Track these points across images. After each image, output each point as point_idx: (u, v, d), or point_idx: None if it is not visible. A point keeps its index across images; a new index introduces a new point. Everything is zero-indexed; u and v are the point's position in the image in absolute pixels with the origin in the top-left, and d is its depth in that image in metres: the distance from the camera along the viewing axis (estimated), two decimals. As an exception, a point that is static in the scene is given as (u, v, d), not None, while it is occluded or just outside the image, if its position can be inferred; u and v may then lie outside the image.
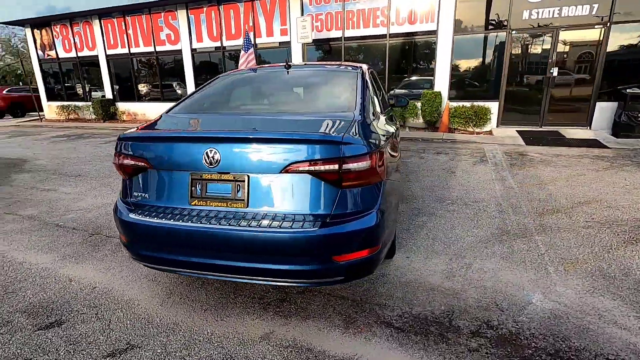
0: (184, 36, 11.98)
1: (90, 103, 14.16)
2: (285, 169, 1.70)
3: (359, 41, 9.92)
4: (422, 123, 9.36)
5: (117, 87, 14.12)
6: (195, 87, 11.52)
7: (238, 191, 1.78)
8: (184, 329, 2.02)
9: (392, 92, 9.56)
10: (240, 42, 11.25)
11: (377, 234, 1.82)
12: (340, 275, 1.80)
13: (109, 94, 14.12)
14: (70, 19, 13.70)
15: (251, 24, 10.95)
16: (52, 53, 14.84)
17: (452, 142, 7.72)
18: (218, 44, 11.64)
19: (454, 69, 9.05)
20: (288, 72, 2.82)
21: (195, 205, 1.84)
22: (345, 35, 9.91)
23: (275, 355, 1.81)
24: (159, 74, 13.07)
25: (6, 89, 18.35)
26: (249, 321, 2.09)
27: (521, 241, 3.01)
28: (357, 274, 1.92)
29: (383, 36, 9.52)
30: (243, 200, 1.78)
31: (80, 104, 14.66)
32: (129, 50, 13.14)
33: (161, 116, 2.33)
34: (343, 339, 1.92)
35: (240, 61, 7.55)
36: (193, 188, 1.84)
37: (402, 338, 1.92)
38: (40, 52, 15.21)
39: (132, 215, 1.90)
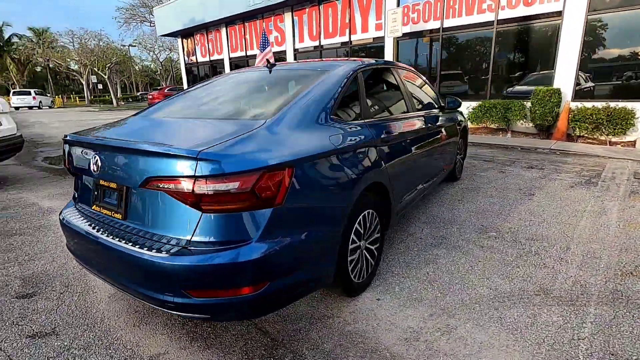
0: (289, 37, 12.66)
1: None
2: (143, 184, 1.51)
3: (459, 31, 8.66)
4: (533, 127, 7.60)
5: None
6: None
7: (120, 201, 1.68)
8: (99, 327, 2.06)
9: (511, 89, 8.06)
10: (336, 40, 11.26)
11: (254, 271, 1.46)
12: (202, 313, 1.52)
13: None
14: (206, 28, 16.12)
15: (347, 20, 10.80)
16: (194, 58, 17.81)
17: (561, 153, 6.02)
18: (317, 43, 11.90)
19: (585, 58, 7.00)
20: (270, 72, 2.58)
21: (94, 209, 1.83)
22: (444, 26, 8.78)
23: (144, 383, 1.65)
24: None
25: (167, 88, 23.08)
26: (156, 336, 1.99)
27: (559, 310, 2.06)
28: (234, 316, 1.60)
29: (489, 23, 8.06)
30: (121, 211, 1.67)
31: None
32: (246, 53, 14.68)
33: (127, 118, 2.41)
34: (221, 386, 1.64)
35: (257, 60, 7.46)
36: (95, 193, 1.84)
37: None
38: (186, 57, 18.45)
39: (63, 210, 2.04)
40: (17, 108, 30.55)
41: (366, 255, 2.27)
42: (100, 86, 38.79)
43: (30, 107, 31.54)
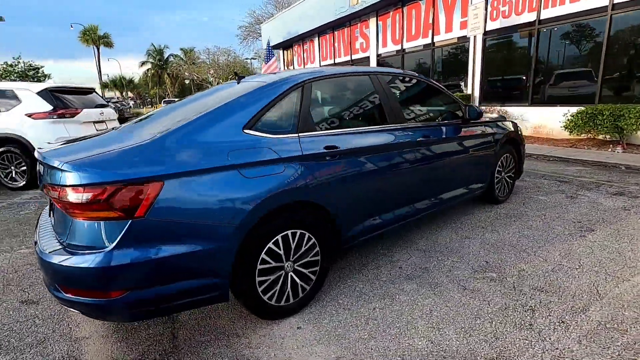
0: (372, 43, 12.48)
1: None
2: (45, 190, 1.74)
3: (560, 22, 7.16)
4: (660, 141, 5.77)
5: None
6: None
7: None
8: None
9: None
10: (418, 42, 10.62)
11: (103, 278, 1.54)
12: (75, 308, 1.66)
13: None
14: (302, 39, 17.11)
15: (430, 21, 10.07)
16: (291, 68, 19.11)
17: (686, 177, 4.43)
18: (399, 47, 11.42)
19: None
20: (239, 83, 2.63)
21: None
22: (541, 17, 7.40)
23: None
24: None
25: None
26: (86, 323, 2.24)
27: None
28: (102, 316, 1.69)
29: (602, 9, 6.45)
30: (52, 215, 1.96)
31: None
32: (334, 61, 15.05)
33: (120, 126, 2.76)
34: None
35: (262, 71, 7.19)
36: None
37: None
38: (285, 68, 19.92)
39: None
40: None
41: (294, 278, 2.12)
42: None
43: None
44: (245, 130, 1.95)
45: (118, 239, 1.55)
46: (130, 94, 64.01)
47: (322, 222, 2.19)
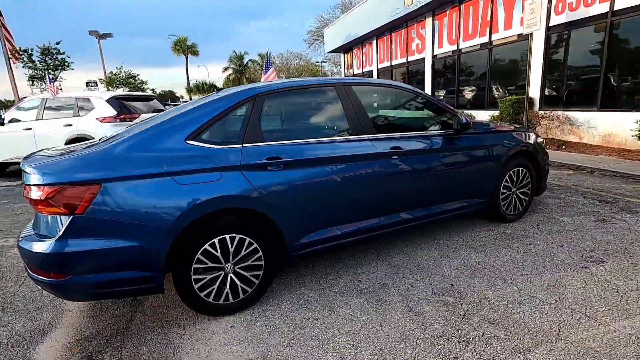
0: (428, 44, 11.95)
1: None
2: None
3: (637, 13, 6.07)
4: None
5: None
6: (431, 93, 11.39)
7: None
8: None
9: None
10: (475, 41, 9.91)
11: (49, 262, 1.86)
12: (41, 286, 2.02)
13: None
14: (361, 42, 17.07)
15: (488, 18, 9.31)
16: (351, 71, 19.19)
17: None
18: (454, 47, 10.75)
19: None
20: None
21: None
22: (615, 8, 6.36)
23: None
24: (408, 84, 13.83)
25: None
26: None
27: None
28: (51, 292, 2.00)
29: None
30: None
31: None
32: (391, 63, 14.74)
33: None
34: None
35: (262, 79, 6.95)
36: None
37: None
38: (346, 71, 20.08)
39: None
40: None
41: (234, 280, 2.26)
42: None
43: None
44: (188, 141, 2.15)
45: (62, 231, 1.86)
46: (213, 97, 70.44)
47: (264, 229, 2.29)
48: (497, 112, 8.74)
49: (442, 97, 11.53)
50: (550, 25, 7.60)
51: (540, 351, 1.81)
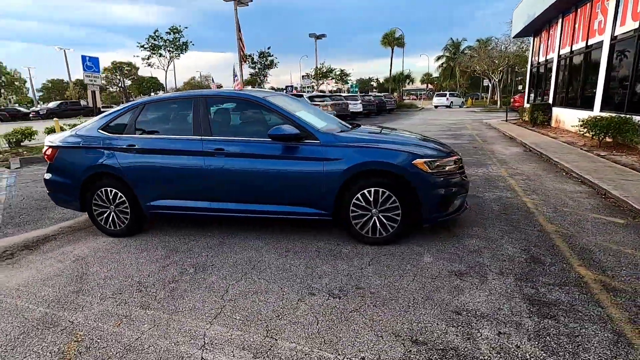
0: (609, 21, 8.68)
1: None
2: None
3: None
4: None
5: (560, 90, 12.74)
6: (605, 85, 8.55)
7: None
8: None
9: None
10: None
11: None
12: None
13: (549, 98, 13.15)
14: (548, 22, 13.66)
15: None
16: (536, 59, 15.64)
17: None
18: (637, 24, 7.43)
19: None
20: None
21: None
22: None
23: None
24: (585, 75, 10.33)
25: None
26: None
27: None
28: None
29: None
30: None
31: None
32: (571, 48, 11.35)
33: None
34: None
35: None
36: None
37: None
38: (534, 58, 16.49)
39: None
40: (436, 106, 39.85)
41: (115, 215, 3.77)
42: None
43: (447, 107, 38.90)
44: (99, 130, 3.79)
45: (47, 168, 3.93)
46: (428, 86, 70.63)
47: (124, 187, 3.65)
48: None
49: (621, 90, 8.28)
50: None
51: None
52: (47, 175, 3.94)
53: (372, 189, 3.17)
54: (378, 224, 3.23)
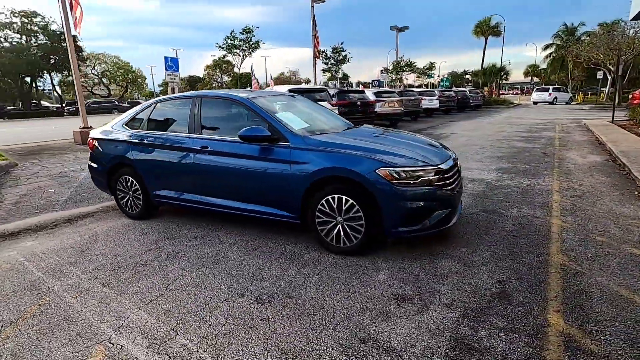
0: None
1: None
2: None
3: None
4: None
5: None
6: None
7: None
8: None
9: None
10: None
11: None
12: None
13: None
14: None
15: None
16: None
17: None
18: None
19: None
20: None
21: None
22: None
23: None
24: None
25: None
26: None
27: None
28: None
29: None
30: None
31: None
32: None
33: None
34: None
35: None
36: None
37: None
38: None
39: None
40: (535, 103, 35.18)
41: (132, 200, 4.35)
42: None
43: (550, 103, 34.26)
44: (123, 125, 4.37)
45: (89, 155, 4.69)
46: (533, 79, 62.33)
47: (137, 176, 4.16)
48: None
49: None
50: None
51: None
52: (90, 162, 4.69)
53: (336, 196, 3.04)
54: (342, 233, 3.10)
